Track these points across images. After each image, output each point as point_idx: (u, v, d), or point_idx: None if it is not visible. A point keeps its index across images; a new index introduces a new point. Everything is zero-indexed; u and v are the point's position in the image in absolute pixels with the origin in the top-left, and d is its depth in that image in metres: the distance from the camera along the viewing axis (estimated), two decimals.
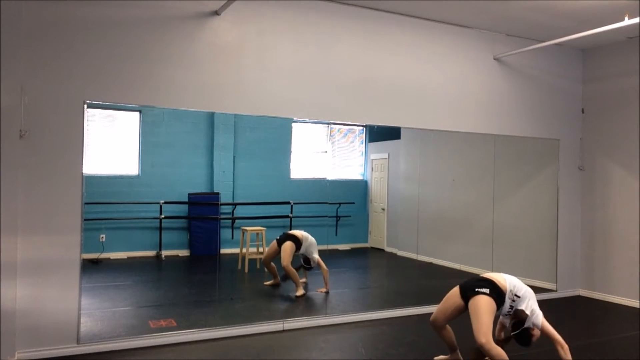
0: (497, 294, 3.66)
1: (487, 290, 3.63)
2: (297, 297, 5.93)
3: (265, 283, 6.39)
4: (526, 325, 3.62)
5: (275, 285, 6.31)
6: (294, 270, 6.01)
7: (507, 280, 3.75)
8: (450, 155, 7.42)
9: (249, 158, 7.38)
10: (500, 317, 3.87)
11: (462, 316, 3.80)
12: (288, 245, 6.05)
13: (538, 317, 3.64)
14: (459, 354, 4.03)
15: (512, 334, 3.71)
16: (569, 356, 3.57)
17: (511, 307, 3.71)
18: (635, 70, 6.18)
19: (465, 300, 3.71)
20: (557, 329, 5.28)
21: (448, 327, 3.93)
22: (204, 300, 5.82)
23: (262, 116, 5.03)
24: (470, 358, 3.86)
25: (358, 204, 8.03)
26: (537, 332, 3.66)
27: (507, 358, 3.49)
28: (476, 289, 3.66)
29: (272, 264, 6.24)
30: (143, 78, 4.42)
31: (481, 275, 3.87)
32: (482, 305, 3.58)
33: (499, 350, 3.48)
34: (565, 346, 3.58)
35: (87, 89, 4.21)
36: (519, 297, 3.69)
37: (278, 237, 6.20)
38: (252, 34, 4.85)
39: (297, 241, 6.10)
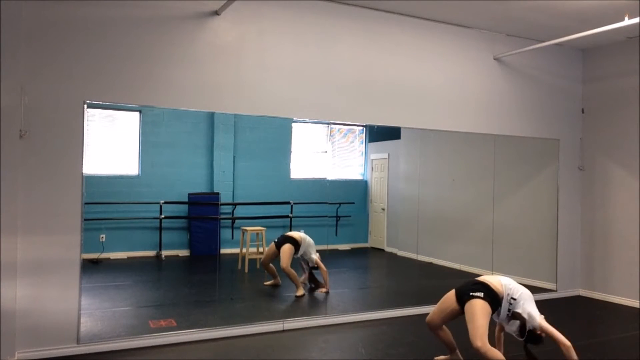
0: (492, 297, 3.65)
1: (481, 294, 3.63)
2: (297, 297, 5.94)
3: (265, 283, 6.39)
4: (528, 328, 3.61)
5: (275, 286, 6.32)
6: (294, 272, 6.01)
7: (502, 284, 3.73)
8: (450, 155, 7.42)
9: (249, 158, 7.38)
10: (499, 320, 3.85)
11: (462, 317, 3.80)
12: (287, 248, 6.05)
13: (535, 320, 3.60)
14: (459, 354, 4.03)
15: (522, 340, 3.69)
16: (574, 355, 3.54)
17: (509, 310, 3.70)
18: (635, 70, 6.18)
19: (461, 305, 3.70)
20: (558, 328, 5.28)
21: (445, 327, 3.93)
22: (204, 300, 5.82)
23: (262, 116, 5.03)
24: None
25: (358, 204, 8.02)
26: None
27: (504, 358, 3.49)
28: (471, 293, 3.66)
29: (271, 265, 6.24)
30: (143, 78, 4.42)
31: (476, 279, 3.85)
32: (477, 309, 3.58)
33: (495, 353, 3.48)
34: (568, 344, 3.54)
35: (87, 89, 4.21)
36: (515, 299, 3.68)
37: (276, 240, 6.19)
38: (252, 34, 4.85)
39: (296, 243, 6.10)
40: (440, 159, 7.51)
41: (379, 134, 7.95)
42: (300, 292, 5.96)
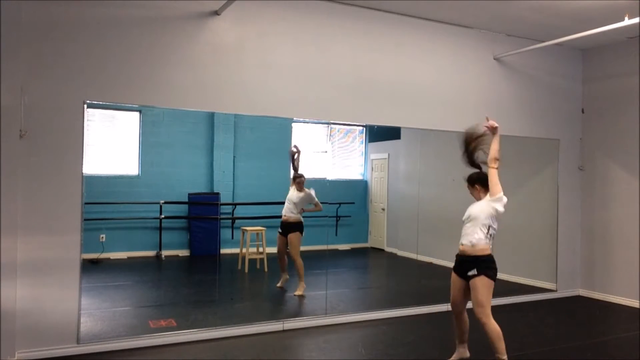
0: (486, 262, 3.79)
1: (475, 272, 3.76)
2: (296, 295, 5.93)
3: (278, 285, 6.28)
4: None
5: (285, 282, 6.26)
6: (302, 265, 5.99)
7: (482, 240, 3.85)
8: (450, 155, 7.39)
9: (249, 158, 7.38)
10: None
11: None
12: (295, 237, 6.05)
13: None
14: (467, 349, 4.02)
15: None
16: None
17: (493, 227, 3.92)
18: (635, 70, 6.18)
19: (467, 280, 3.83)
20: (557, 328, 5.31)
21: (465, 315, 3.99)
22: (204, 300, 5.82)
23: (262, 116, 5.03)
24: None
25: (358, 204, 8.02)
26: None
27: (501, 334, 3.64)
28: (468, 274, 3.79)
29: (285, 257, 6.21)
30: (143, 78, 4.42)
31: (463, 253, 3.88)
32: (479, 287, 3.73)
33: (495, 326, 3.67)
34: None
35: (87, 89, 4.21)
36: (494, 227, 3.94)
37: (280, 230, 6.19)
38: (252, 34, 4.85)
39: (300, 227, 6.10)
40: (440, 159, 7.50)
41: (379, 134, 7.94)
42: (301, 291, 5.95)
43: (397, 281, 7.55)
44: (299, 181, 6.18)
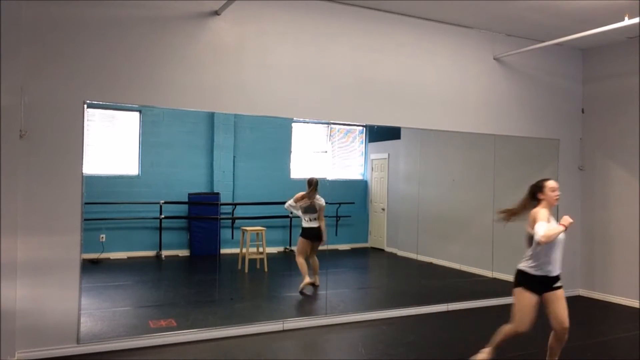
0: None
1: (561, 284, 4.04)
2: (301, 292, 5.95)
3: (304, 291, 6.25)
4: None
5: (312, 285, 6.23)
6: (304, 263, 6.06)
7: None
8: (450, 155, 7.41)
9: (249, 158, 7.38)
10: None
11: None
12: (301, 242, 6.14)
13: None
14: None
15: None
16: None
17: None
18: (635, 70, 6.18)
19: (539, 294, 4.04)
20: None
21: None
22: (204, 300, 5.82)
23: (262, 116, 5.03)
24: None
25: (358, 204, 8.02)
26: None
27: None
28: (554, 285, 4.10)
29: (310, 260, 6.25)
30: (143, 78, 4.42)
31: (548, 273, 4.13)
32: (563, 296, 4.06)
33: None
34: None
35: (87, 89, 4.21)
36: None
37: (309, 239, 6.23)
38: (252, 34, 4.85)
39: (311, 234, 6.15)
40: (440, 159, 7.50)
41: (379, 134, 7.94)
42: (305, 284, 5.96)
43: (397, 281, 7.54)
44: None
